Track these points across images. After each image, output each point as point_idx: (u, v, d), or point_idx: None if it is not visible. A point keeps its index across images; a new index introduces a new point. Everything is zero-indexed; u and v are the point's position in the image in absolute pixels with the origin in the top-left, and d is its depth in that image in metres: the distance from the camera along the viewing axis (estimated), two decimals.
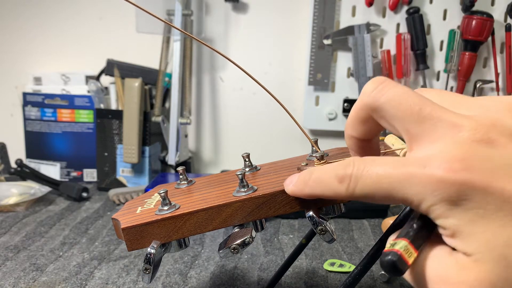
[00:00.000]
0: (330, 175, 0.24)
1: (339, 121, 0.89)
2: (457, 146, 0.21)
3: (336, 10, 0.84)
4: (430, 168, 0.21)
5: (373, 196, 0.23)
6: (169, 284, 0.49)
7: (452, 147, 0.21)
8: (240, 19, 0.91)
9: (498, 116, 0.22)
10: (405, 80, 0.83)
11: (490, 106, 0.23)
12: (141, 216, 0.33)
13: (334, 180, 0.24)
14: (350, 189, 0.23)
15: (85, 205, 0.77)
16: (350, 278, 0.27)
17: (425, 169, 0.21)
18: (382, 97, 0.24)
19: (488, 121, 0.22)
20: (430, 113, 0.22)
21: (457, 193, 0.20)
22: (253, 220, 0.32)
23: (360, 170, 0.23)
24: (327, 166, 0.25)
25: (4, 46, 0.98)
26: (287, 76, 0.92)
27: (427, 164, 0.21)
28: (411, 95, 0.23)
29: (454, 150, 0.21)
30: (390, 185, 0.22)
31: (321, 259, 0.55)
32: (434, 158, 0.21)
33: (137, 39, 0.91)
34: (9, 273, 0.52)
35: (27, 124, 0.92)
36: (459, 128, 0.21)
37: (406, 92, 0.23)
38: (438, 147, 0.21)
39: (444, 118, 0.22)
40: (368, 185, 0.23)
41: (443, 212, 0.21)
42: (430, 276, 0.22)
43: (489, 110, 0.23)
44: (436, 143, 0.22)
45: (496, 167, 0.20)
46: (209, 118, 0.96)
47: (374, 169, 0.22)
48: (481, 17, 0.78)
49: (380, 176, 0.22)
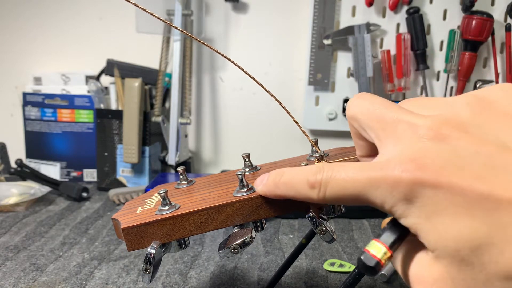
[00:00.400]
0: (302, 180, 0.26)
1: (339, 121, 0.89)
2: (412, 146, 0.22)
3: (336, 10, 0.84)
4: (386, 170, 0.22)
5: (342, 199, 0.24)
6: (169, 284, 0.49)
7: (407, 147, 0.22)
8: (240, 19, 0.91)
9: (455, 111, 0.23)
10: (405, 80, 0.83)
11: (454, 102, 0.24)
12: (141, 216, 0.33)
13: (306, 186, 0.25)
14: (321, 194, 0.25)
15: (85, 205, 0.77)
16: (350, 278, 0.27)
17: (382, 172, 0.22)
18: (354, 109, 0.26)
19: (443, 118, 0.22)
20: (392, 117, 0.24)
21: (411, 191, 0.21)
22: (253, 220, 0.32)
23: (328, 176, 0.24)
24: (297, 169, 0.27)
25: (4, 46, 0.98)
26: (287, 76, 0.92)
27: (384, 166, 0.22)
28: (377, 103, 0.25)
29: (408, 150, 0.22)
30: (355, 189, 0.23)
31: (321, 259, 0.55)
32: (391, 160, 0.22)
33: (137, 39, 0.91)
34: (9, 273, 0.52)
35: (27, 124, 0.92)
36: (415, 128, 0.22)
37: (374, 101, 0.25)
38: (397, 149, 0.22)
39: (403, 120, 0.23)
40: (336, 190, 0.24)
41: (403, 212, 0.21)
42: (410, 275, 0.22)
43: (451, 106, 0.23)
44: (397, 145, 0.23)
45: (445, 162, 0.20)
46: (209, 118, 0.96)
47: (340, 175, 0.24)
48: (481, 17, 0.78)
49: (346, 181, 0.23)
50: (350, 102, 0.27)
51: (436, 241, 0.20)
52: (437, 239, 0.20)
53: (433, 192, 0.20)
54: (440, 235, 0.20)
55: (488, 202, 0.19)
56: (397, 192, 0.21)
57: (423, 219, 0.21)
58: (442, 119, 0.22)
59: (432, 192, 0.20)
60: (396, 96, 0.85)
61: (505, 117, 0.22)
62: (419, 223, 0.21)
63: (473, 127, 0.22)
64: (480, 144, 0.21)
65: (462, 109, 0.23)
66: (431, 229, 0.21)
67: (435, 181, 0.20)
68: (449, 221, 0.20)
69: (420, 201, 0.21)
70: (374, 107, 0.25)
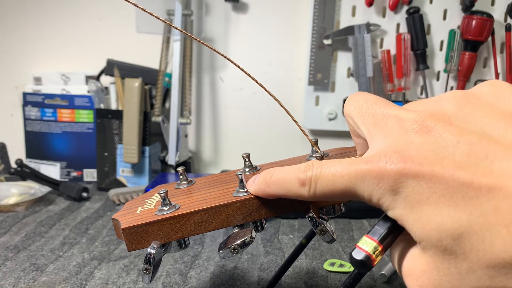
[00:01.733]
0: (292, 178, 0.26)
1: (339, 121, 0.89)
2: (398, 139, 0.22)
3: (336, 10, 0.84)
4: (372, 163, 0.22)
5: (332, 195, 0.24)
6: (169, 284, 0.49)
7: (393, 140, 0.23)
8: (240, 19, 0.91)
9: (441, 105, 0.23)
10: (405, 80, 0.83)
11: (441, 97, 0.24)
12: (141, 216, 0.33)
13: (296, 183, 0.26)
14: (312, 191, 0.25)
15: (85, 205, 0.77)
16: (350, 278, 0.27)
17: (368, 165, 0.22)
18: (350, 106, 0.27)
19: (429, 112, 0.23)
20: (382, 113, 0.24)
21: (396, 183, 0.21)
22: (253, 220, 0.32)
23: (317, 173, 0.25)
24: (288, 168, 0.27)
25: (4, 46, 0.98)
26: (287, 76, 0.92)
27: (371, 160, 0.22)
28: (370, 101, 0.26)
29: (394, 143, 0.22)
30: (343, 183, 0.23)
31: (321, 259, 0.55)
32: (377, 153, 0.22)
33: (137, 39, 0.91)
34: (9, 273, 0.52)
35: (27, 124, 0.92)
36: (402, 122, 0.23)
37: (368, 99, 0.26)
38: (385, 143, 0.23)
39: (392, 115, 0.24)
40: (326, 186, 0.24)
41: (390, 203, 0.22)
42: (402, 269, 0.23)
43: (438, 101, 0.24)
44: (386, 139, 0.23)
45: (428, 153, 0.21)
46: (209, 118, 0.96)
47: (330, 170, 0.24)
48: (481, 17, 0.78)
49: (335, 176, 0.24)
50: (347, 100, 0.28)
51: (420, 231, 0.21)
52: (421, 230, 0.21)
53: (416, 182, 0.21)
54: (424, 226, 0.20)
55: (469, 190, 0.19)
56: (383, 184, 0.22)
57: (408, 210, 0.21)
58: (427, 112, 0.23)
59: (415, 182, 0.21)
60: (396, 96, 0.85)
61: (489, 108, 0.22)
62: (405, 214, 0.21)
63: (457, 119, 0.22)
64: (462, 134, 0.21)
65: (448, 103, 0.23)
66: (416, 219, 0.21)
67: (418, 171, 0.21)
68: (432, 211, 0.20)
69: (404, 191, 0.21)
70: (368, 104, 0.26)
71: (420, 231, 0.21)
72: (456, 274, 0.20)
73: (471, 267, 0.19)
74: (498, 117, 0.22)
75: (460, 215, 0.19)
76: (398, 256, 0.23)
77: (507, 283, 0.18)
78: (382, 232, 0.23)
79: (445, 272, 0.20)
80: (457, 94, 0.24)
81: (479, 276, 0.19)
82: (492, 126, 0.21)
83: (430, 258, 0.21)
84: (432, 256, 0.21)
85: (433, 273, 0.21)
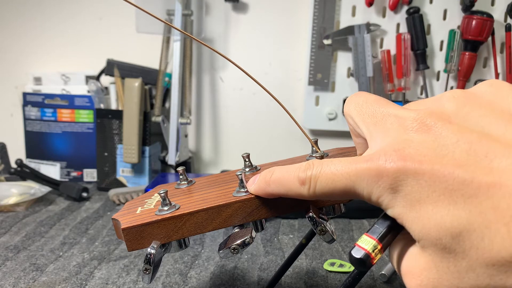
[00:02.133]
0: (292, 177, 0.26)
1: (339, 121, 0.89)
2: (398, 137, 0.23)
3: (336, 10, 0.84)
4: (371, 161, 0.22)
5: (332, 194, 0.24)
6: (169, 284, 0.49)
7: (393, 139, 0.23)
8: (240, 19, 0.91)
9: (441, 104, 0.23)
10: (405, 80, 0.83)
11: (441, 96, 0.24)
12: (141, 216, 0.33)
13: (296, 182, 0.26)
14: (311, 190, 0.25)
15: (85, 205, 0.77)
16: (350, 278, 0.27)
17: (367, 163, 0.22)
18: (349, 106, 0.27)
19: (428, 111, 0.23)
20: (382, 112, 0.25)
21: (395, 181, 0.21)
22: (253, 220, 0.32)
23: (317, 172, 0.25)
24: (288, 167, 0.27)
25: (4, 46, 0.98)
26: (287, 76, 0.92)
27: (370, 158, 0.22)
28: (370, 100, 0.26)
29: (394, 141, 0.22)
30: (343, 182, 0.23)
31: (321, 259, 0.55)
32: (377, 152, 0.22)
33: (137, 39, 0.91)
34: (9, 273, 0.52)
35: (27, 124, 0.92)
36: (402, 121, 0.23)
37: (368, 99, 0.26)
38: (385, 141, 0.23)
39: (391, 114, 0.24)
40: (326, 184, 0.24)
41: (389, 201, 0.22)
42: (401, 268, 0.23)
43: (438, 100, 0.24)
44: (385, 138, 0.23)
45: (428, 151, 0.21)
46: (209, 118, 0.96)
47: (329, 169, 0.24)
48: (481, 17, 0.78)
49: (335, 174, 0.24)
50: (347, 100, 0.28)
51: (420, 230, 0.21)
52: (421, 228, 0.21)
53: (415, 181, 0.21)
54: (424, 224, 0.20)
55: (468, 189, 0.19)
56: (382, 182, 0.22)
57: (408, 208, 0.21)
58: (427, 111, 0.23)
59: (414, 181, 0.21)
60: (396, 96, 0.85)
61: (488, 107, 0.22)
62: (404, 212, 0.21)
63: (457, 118, 0.22)
64: (462, 132, 0.21)
65: (447, 101, 0.23)
66: (416, 218, 0.21)
67: (417, 169, 0.20)
68: (431, 209, 0.20)
69: (404, 190, 0.21)
70: (368, 103, 0.26)
71: (420, 229, 0.21)
72: (456, 273, 0.20)
73: (471, 265, 0.19)
74: (498, 116, 0.22)
75: (460, 213, 0.19)
76: (397, 255, 0.23)
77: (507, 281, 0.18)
78: (381, 231, 0.23)
79: (444, 271, 0.20)
80: (456, 93, 0.24)
81: (478, 274, 0.19)
82: (491, 125, 0.21)
83: (429, 257, 0.21)
84: (431, 255, 0.20)
85: (432, 271, 0.20)
